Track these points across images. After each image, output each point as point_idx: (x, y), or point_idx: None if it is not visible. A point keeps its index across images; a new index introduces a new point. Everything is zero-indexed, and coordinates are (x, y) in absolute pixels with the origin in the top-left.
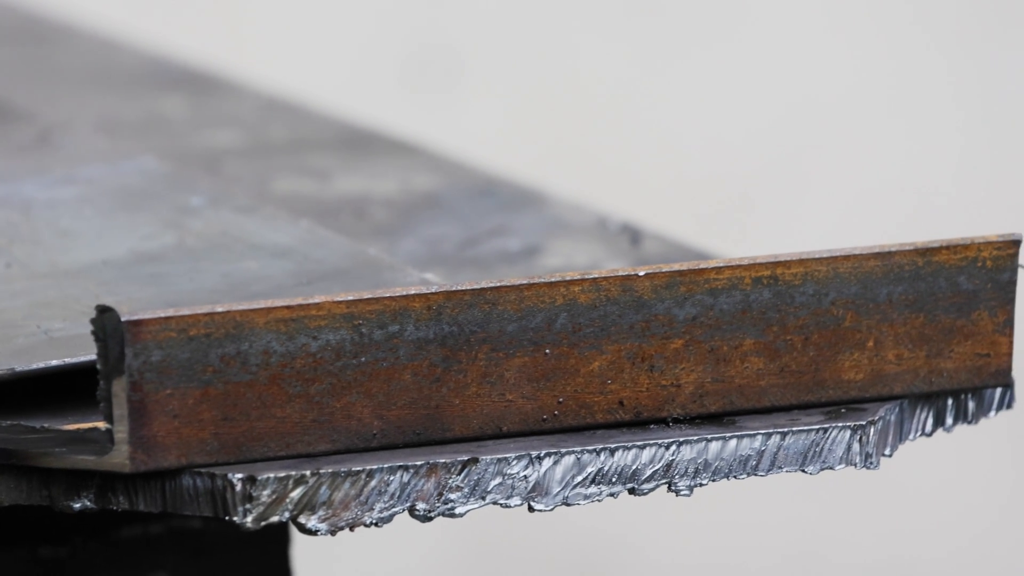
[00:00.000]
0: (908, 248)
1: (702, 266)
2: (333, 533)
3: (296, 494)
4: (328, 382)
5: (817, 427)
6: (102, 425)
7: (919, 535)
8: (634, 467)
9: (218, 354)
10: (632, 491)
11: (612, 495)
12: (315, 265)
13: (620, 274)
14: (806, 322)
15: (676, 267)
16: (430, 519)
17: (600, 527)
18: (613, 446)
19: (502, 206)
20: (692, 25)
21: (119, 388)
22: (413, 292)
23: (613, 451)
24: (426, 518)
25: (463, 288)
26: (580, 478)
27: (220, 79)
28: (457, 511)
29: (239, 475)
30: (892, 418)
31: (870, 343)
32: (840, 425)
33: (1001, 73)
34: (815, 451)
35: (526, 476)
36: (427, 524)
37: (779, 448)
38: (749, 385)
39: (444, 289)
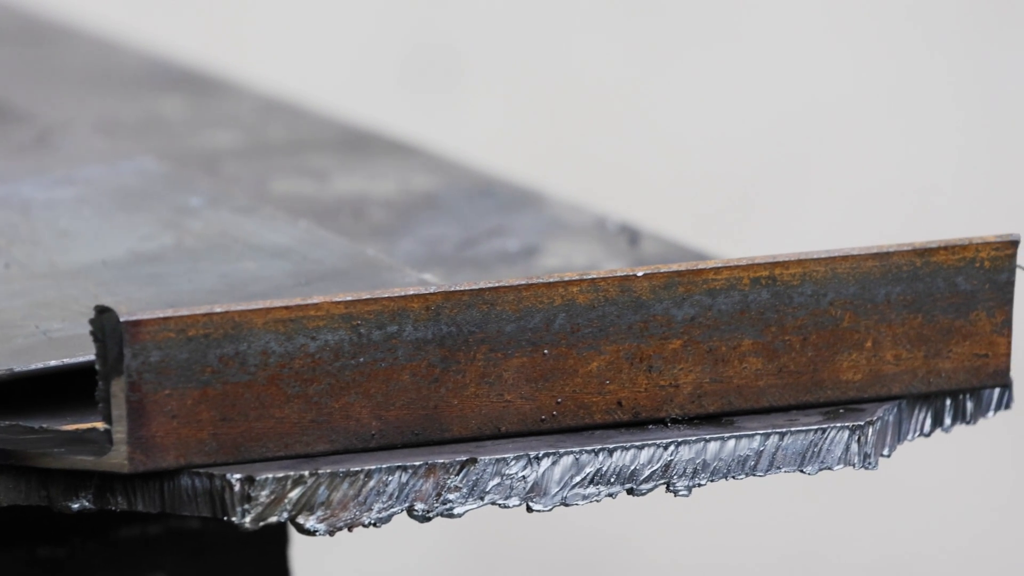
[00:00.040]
0: (906, 248)
1: (700, 266)
2: (331, 533)
3: (294, 494)
4: (327, 382)
5: (815, 427)
6: (101, 425)
7: (918, 534)
8: (632, 467)
9: (217, 354)
10: (631, 491)
11: (610, 495)
12: (314, 265)
13: (618, 274)
14: (804, 322)
15: (674, 267)
16: (428, 519)
17: (599, 526)
18: (611, 446)
19: (501, 206)
20: (691, 25)
21: (118, 388)
22: (411, 292)
23: (611, 451)
24: (424, 518)
25: (461, 288)
26: (578, 478)
27: (219, 80)
28: (455, 511)
29: (237, 475)
30: (890, 418)
31: (868, 343)
32: (838, 425)
33: (1000, 73)
34: (813, 451)
35: (524, 476)
36: (425, 524)
37: (777, 448)
38: (747, 385)
39: (442, 290)
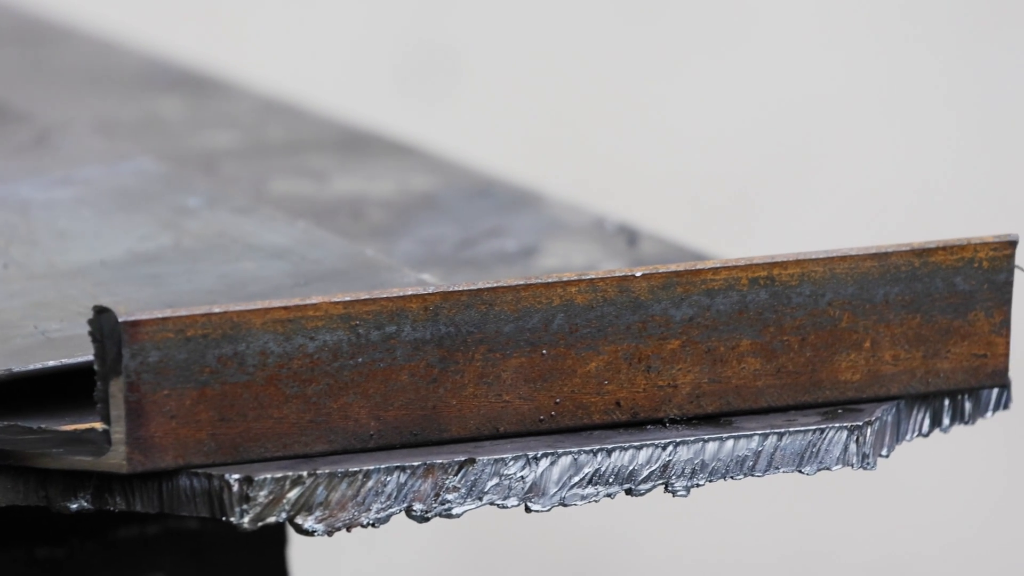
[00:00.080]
0: (904, 249)
1: (699, 267)
2: (330, 534)
3: (293, 495)
4: (325, 383)
5: (814, 428)
6: (99, 426)
7: (917, 533)
8: (631, 468)
9: (215, 355)
10: (629, 492)
11: (609, 496)
12: (312, 266)
13: (617, 275)
14: (803, 323)
15: (673, 268)
16: (427, 520)
17: (598, 525)
18: (610, 447)
19: (499, 207)
20: (691, 26)
21: (116, 389)
22: (410, 293)
23: (610, 452)
24: (423, 519)
25: (460, 289)
26: (577, 479)
27: (217, 80)
28: (454, 512)
29: (236, 476)
30: (889, 419)
31: (867, 344)
32: (837, 426)
33: (1000, 73)
34: (812, 452)
35: (523, 477)
36: (424, 525)
37: (776, 449)
38: (746, 386)
39: (441, 290)
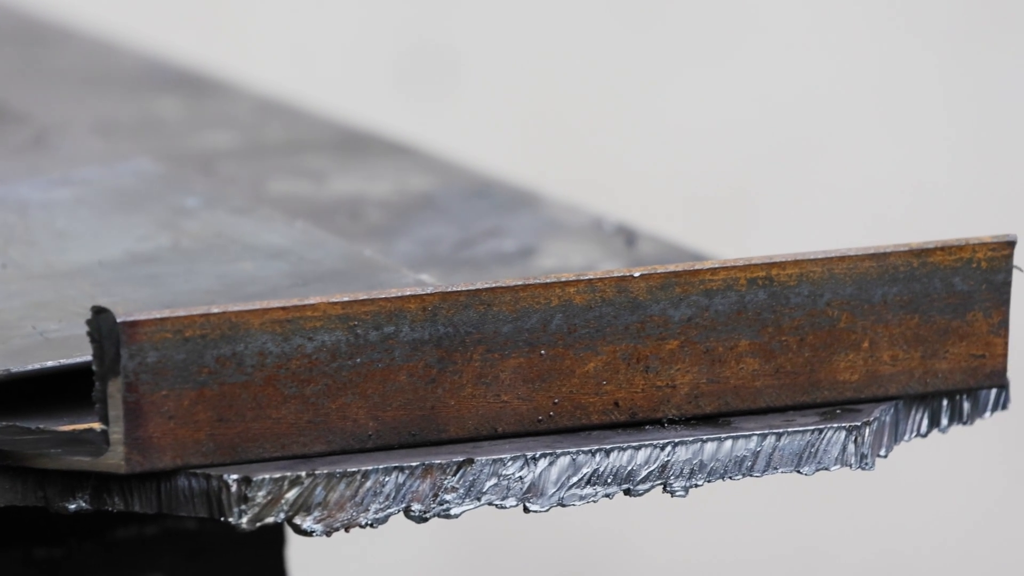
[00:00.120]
0: (903, 249)
1: (697, 267)
2: (328, 534)
3: (291, 495)
4: (323, 383)
5: (812, 428)
6: (97, 426)
7: (916, 531)
8: (629, 468)
9: (213, 355)
10: (627, 492)
11: (607, 496)
12: (311, 266)
13: (615, 275)
14: (801, 323)
15: (671, 268)
16: (425, 520)
17: (597, 523)
18: (608, 447)
19: (497, 207)
20: (688, 27)
21: (115, 389)
22: (408, 293)
23: (608, 452)
24: (421, 519)
25: (458, 289)
26: (575, 479)
27: (215, 80)
28: (452, 512)
29: (234, 476)
30: (887, 419)
31: (865, 344)
32: (835, 426)
33: (1000, 73)
34: (810, 452)
35: (521, 477)
36: (422, 525)
37: (774, 449)
38: (744, 386)
39: (439, 290)
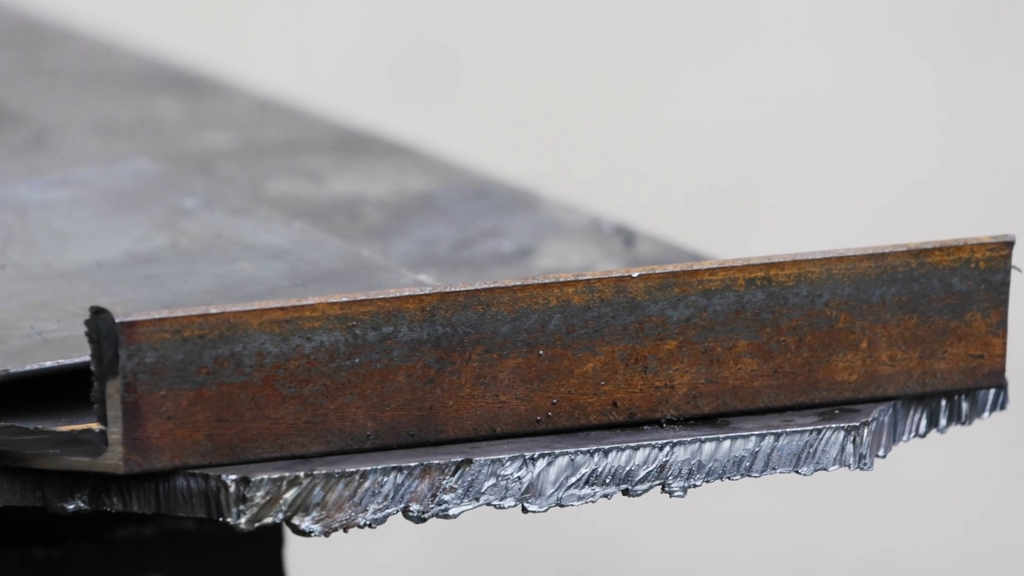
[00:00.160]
0: (901, 249)
1: (696, 267)
2: (327, 534)
3: (290, 495)
4: (322, 383)
5: (811, 428)
6: (96, 426)
7: (914, 531)
8: (628, 468)
9: (212, 355)
10: (626, 492)
11: (606, 496)
12: (309, 266)
13: (614, 275)
14: (800, 323)
15: (670, 268)
16: (424, 520)
17: (596, 523)
18: (607, 447)
19: (496, 207)
20: (688, 27)
21: (113, 389)
22: (407, 293)
23: (607, 452)
24: (420, 519)
25: (457, 289)
26: (574, 479)
27: (214, 81)
28: (451, 512)
29: (233, 476)
30: (886, 419)
31: (864, 344)
32: (834, 426)
33: (1000, 72)
34: (809, 452)
35: (520, 477)
36: (421, 525)
37: (773, 449)
38: (743, 386)
39: (438, 290)
